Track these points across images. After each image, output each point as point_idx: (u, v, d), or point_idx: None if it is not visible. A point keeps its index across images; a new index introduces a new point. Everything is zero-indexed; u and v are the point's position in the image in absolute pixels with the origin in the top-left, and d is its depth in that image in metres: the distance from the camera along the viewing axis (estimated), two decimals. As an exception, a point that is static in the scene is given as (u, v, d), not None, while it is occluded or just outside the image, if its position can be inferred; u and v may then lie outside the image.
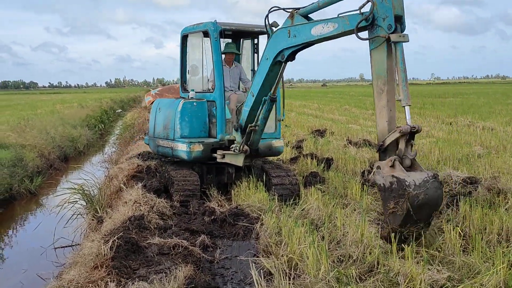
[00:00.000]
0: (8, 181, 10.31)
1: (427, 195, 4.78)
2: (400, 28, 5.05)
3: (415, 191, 4.74)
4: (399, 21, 5.03)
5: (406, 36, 5.03)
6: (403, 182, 4.79)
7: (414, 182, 4.78)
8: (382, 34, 5.04)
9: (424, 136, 14.39)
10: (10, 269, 6.81)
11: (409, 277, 4.02)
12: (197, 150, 7.77)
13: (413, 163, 5.12)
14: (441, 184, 5.01)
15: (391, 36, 4.98)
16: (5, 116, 25.16)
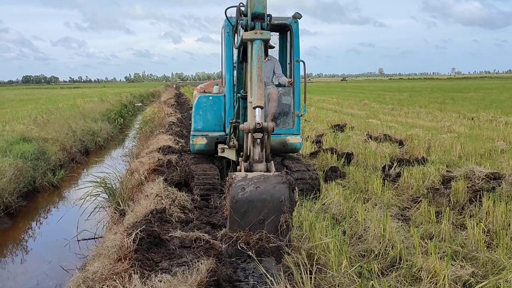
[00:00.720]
0: (32, 174, 10.45)
1: (260, 188, 3.89)
2: (261, 25, 4.79)
3: (240, 182, 3.95)
4: (261, 18, 4.79)
5: (264, 33, 4.74)
6: (228, 179, 4.05)
7: (244, 175, 4.04)
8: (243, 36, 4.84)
9: (445, 131, 14.26)
10: (34, 260, 6.92)
11: (432, 273, 4.00)
12: (200, 143, 7.84)
13: (270, 169, 4.38)
14: (289, 178, 3.98)
15: (244, 33, 4.78)
16: (28, 110, 25.52)
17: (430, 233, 5.52)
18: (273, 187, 3.87)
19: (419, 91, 47.25)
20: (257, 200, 3.84)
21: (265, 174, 4.01)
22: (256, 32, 4.69)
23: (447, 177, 7.71)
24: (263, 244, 3.87)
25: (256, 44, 4.73)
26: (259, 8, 4.72)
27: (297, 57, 7.94)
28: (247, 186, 3.87)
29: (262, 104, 4.44)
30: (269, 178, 3.93)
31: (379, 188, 7.46)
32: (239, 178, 3.94)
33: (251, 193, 3.83)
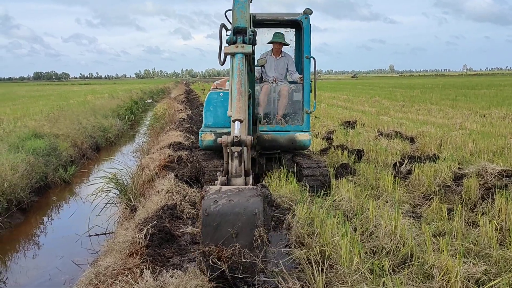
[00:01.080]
0: (43, 169, 10.53)
1: (233, 201, 3.74)
2: (243, 39, 4.81)
3: (213, 195, 3.81)
4: (244, 33, 4.83)
5: (245, 47, 4.75)
6: (202, 192, 3.94)
7: (218, 188, 3.90)
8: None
9: (457, 128, 14.17)
10: (46, 255, 6.97)
11: (444, 270, 3.97)
12: (208, 139, 7.83)
13: (248, 183, 4.22)
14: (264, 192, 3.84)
15: (225, 48, 4.79)
16: (39, 106, 25.69)
17: (442, 230, 5.49)
18: (246, 200, 3.71)
19: (430, 87, 46.97)
20: (229, 213, 3.68)
21: (240, 187, 3.87)
22: (237, 46, 4.72)
23: (459, 174, 7.66)
24: (236, 260, 3.67)
25: (237, 57, 4.74)
26: (241, 22, 4.77)
27: (307, 53, 7.92)
28: (220, 199, 3.73)
29: (241, 117, 4.35)
30: (243, 191, 3.78)
31: (390, 185, 7.43)
32: (212, 191, 3.81)
33: (223, 206, 3.68)
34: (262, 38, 8.78)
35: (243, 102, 4.49)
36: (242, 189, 3.81)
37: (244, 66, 4.72)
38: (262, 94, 8.31)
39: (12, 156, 9.77)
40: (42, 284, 5.83)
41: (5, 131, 13.51)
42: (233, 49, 4.74)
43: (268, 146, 8.03)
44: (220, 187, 3.87)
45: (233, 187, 3.88)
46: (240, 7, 4.81)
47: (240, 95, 4.54)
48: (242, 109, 4.41)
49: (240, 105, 4.45)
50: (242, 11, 4.81)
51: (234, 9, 4.80)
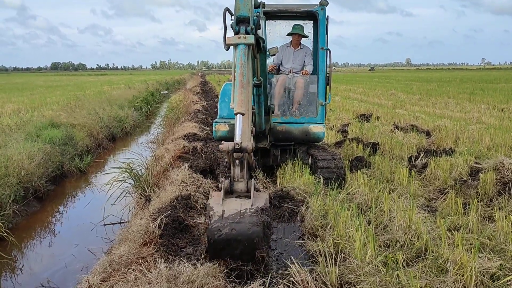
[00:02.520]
0: (60, 159, 10.63)
1: (235, 230, 3.97)
2: (246, 29, 4.60)
3: (216, 223, 4.02)
4: (246, 22, 4.61)
5: (248, 38, 4.55)
6: (208, 211, 4.18)
7: (221, 214, 4.08)
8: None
9: (474, 122, 14.01)
10: (62, 243, 7.05)
11: (459, 264, 3.94)
12: (222, 130, 7.82)
13: (249, 188, 4.34)
14: (264, 218, 4.09)
15: (227, 38, 4.59)
16: (56, 96, 25.95)
17: (457, 224, 5.44)
18: (247, 230, 3.98)
19: (447, 81, 46.46)
20: (233, 240, 3.99)
21: (241, 212, 4.08)
22: (239, 37, 4.56)
23: (475, 169, 7.58)
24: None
25: (240, 49, 4.61)
26: (244, 11, 4.58)
27: (322, 45, 7.87)
28: (223, 228, 3.99)
29: (243, 111, 4.39)
30: (244, 218, 4.03)
31: (405, 178, 7.38)
32: (215, 219, 4.04)
33: (227, 235, 3.97)
34: (281, 30, 8.74)
35: (245, 95, 4.49)
36: (243, 216, 4.05)
37: (246, 58, 4.63)
38: (278, 85, 8.29)
39: (29, 145, 9.87)
40: (57, 271, 5.91)
41: (23, 120, 13.66)
42: (235, 40, 4.59)
43: (282, 138, 8.01)
44: (222, 210, 4.09)
45: (235, 211, 4.09)
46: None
47: (242, 87, 4.50)
48: (244, 102, 4.44)
49: (242, 98, 4.45)
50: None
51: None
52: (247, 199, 4.25)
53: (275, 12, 8.15)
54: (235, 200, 4.26)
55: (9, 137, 10.53)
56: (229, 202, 4.22)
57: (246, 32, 4.58)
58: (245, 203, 4.20)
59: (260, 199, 4.28)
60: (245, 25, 4.58)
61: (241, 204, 4.20)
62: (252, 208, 4.14)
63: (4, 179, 7.84)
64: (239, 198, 4.32)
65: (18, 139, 10.41)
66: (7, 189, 7.65)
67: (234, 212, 4.10)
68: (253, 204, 4.18)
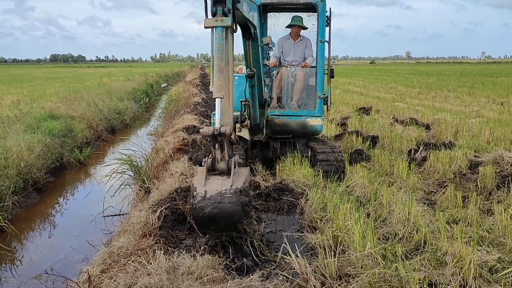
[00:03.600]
0: (59, 150, 10.63)
1: (217, 209, 4.31)
2: (223, 10, 4.39)
3: (200, 203, 4.33)
4: (223, 2, 4.39)
5: (225, 20, 4.37)
6: (192, 191, 4.46)
7: (203, 194, 4.36)
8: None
9: (473, 115, 14.01)
10: (62, 235, 7.06)
11: (458, 257, 3.95)
12: None
13: (230, 167, 4.57)
14: (242, 199, 4.38)
15: (205, 21, 4.43)
16: (55, 88, 25.90)
17: (456, 217, 5.45)
18: (227, 209, 4.33)
19: (447, 75, 46.42)
20: (215, 217, 4.36)
21: (221, 193, 4.36)
22: (216, 20, 4.39)
23: (475, 162, 7.58)
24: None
25: (217, 31, 4.45)
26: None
27: (321, 37, 7.84)
28: (206, 207, 4.32)
29: (221, 95, 4.40)
30: (224, 198, 4.34)
31: (405, 171, 7.38)
32: (198, 199, 4.34)
33: (209, 213, 4.33)
34: (284, 22, 8.71)
35: (222, 79, 4.43)
36: (224, 197, 4.35)
37: (224, 40, 4.47)
38: (278, 78, 8.28)
39: (29, 137, 9.87)
40: (57, 262, 5.92)
41: (22, 112, 13.65)
42: (211, 23, 4.41)
43: (280, 131, 7.99)
44: (204, 190, 4.36)
45: (216, 192, 4.36)
46: None
47: (220, 72, 4.42)
48: (222, 87, 4.42)
49: (219, 83, 4.41)
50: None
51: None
52: (228, 178, 4.48)
53: (275, 4, 8.11)
54: (217, 180, 4.49)
55: (8, 129, 10.52)
56: (211, 182, 4.46)
57: (223, 14, 4.40)
58: (226, 183, 4.44)
59: (240, 177, 4.51)
60: (222, 6, 4.40)
61: (221, 184, 4.43)
62: (232, 189, 4.38)
63: (4, 171, 7.84)
64: (220, 176, 4.54)
65: (17, 131, 10.40)
66: (7, 180, 7.66)
67: (216, 193, 4.36)
68: (233, 185, 4.41)
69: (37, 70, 72.40)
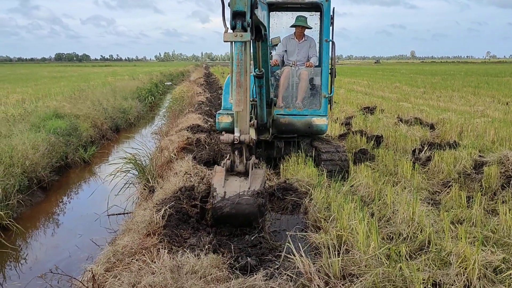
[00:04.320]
0: (64, 149, 10.65)
1: (234, 210, 4.77)
2: (242, 24, 4.47)
3: (219, 203, 4.78)
4: (242, 16, 4.45)
5: (244, 36, 4.46)
6: (212, 191, 4.89)
7: (223, 195, 4.79)
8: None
9: (478, 115, 13.97)
10: (66, 234, 7.07)
11: (462, 257, 3.94)
12: (225, 121, 7.81)
13: (248, 169, 4.97)
14: (259, 201, 4.80)
15: (224, 35, 4.51)
16: (60, 87, 25.96)
17: (461, 218, 5.44)
18: (244, 210, 4.78)
19: (452, 74, 46.28)
20: (233, 216, 4.83)
21: (240, 194, 4.79)
22: (236, 35, 4.48)
23: (480, 162, 7.56)
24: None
25: (237, 46, 4.55)
26: (240, 5, 4.41)
27: (326, 37, 7.84)
28: (225, 207, 4.79)
29: (240, 109, 4.68)
30: (242, 200, 4.77)
31: (409, 171, 7.37)
32: (218, 199, 4.79)
33: (228, 213, 4.80)
34: (288, 21, 8.71)
35: (242, 94, 4.64)
36: (242, 198, 4.78)
37: (243, 55, 4.58)
38: (283, 77, 8.27)
39: (33, 135, 9.89)
40: (62, 261, 5.93)
41: (27, 111, 13.68)
42: (231, 38, 4.51)
43: (285, 130, 8.00)
44: (224, 192, 4.81)
45: (235, 193, 4.80)
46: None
47: (239, 87, 4.61)
48: (241, 101, 4.66)
49: (239, 98, 4.64)
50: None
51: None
52: (245, 180, 4.91)
53: (280, 4, 8.11)
54: (235, 181, 4.92)
55: (13, 127, 10.55)
56: (230, 183, 4.88)
57: (243, 27, 4.47)
58: (244, 184, 4.86)
59: (257, 179, 4.93)
60: (242, 20, 4.46)
61: (240, 186, 4.85)
62: (249, 191, 4.79)
63: (9, 169, 7.86)
64: (238, 178, 4.98)
65: (22, 130, 10.43)
66: (12, 179, 7.68)
67: (234, 194, 4.79)
68: (250, 187, 4.81)
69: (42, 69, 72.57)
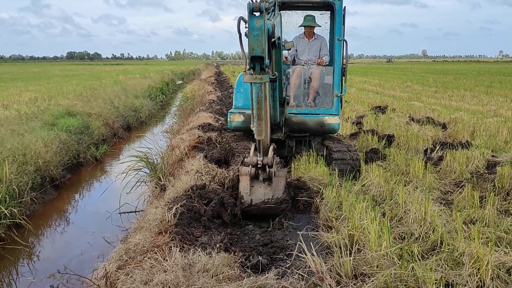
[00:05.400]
0: (76, 147, 10.72)
1: (261, 213, 5.62)
2: (261, 67, 4.87)
3: (246, 208, 5.57)
4: (261, 60, 4.84)
5: (264, 78, 4.90)
6: (240, 198, 5.62)
7: (249, 202, 5.56)
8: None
9: (491, 115, 13.86)
10: (78, 231, 7.13)
11: (475, 258, 3.91)
12: (237, 120, 7.84)
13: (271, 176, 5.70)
14: (282, 207, 5.63)
15: (244, 76, 4.96)
16: (72, 85, 26.12)
17: (473, 218, 5.40)
18: (269, 213, 5.62)
19: (464, 73, 45.94)
20: (259, 217, 5.69)
21: (265, 201, 5.59)
22: (255, 77, 4.90)
23: (492, 162, 7.51)
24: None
25: (256, 86, 5.04)
26: (257, 51, 4.79)
27: (339, 36, 7.81)
28: (252, 211, 5.62)
29: (261, 137, 5.36)
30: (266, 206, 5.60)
31: (421, 171, 7.33)
32: (246, 205, 5.58)
33: (255, 215, 5.67)
34: (298, 20, 8.69)
35: (263, 125, 5.30)
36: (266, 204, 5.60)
37: (263, 93, 5.08)
38: (294, 76, 8.26)
39: (46, 134, 9.97)
40: (74, 258, 5.98)
41: (40, 109, 13.79)
42: (251, 80, 4.92)
43: (297, 129, 7.99)
44: (250, 199, 5.61)
45: (260, 201, 5.61)
46: (256, 35, 4.71)
47: (260, 120, 5.24)
48: (262, 131, 5.33)
49: (260, 129, 5.31)
50: (258, 39, 4.74)
51: (250, 36, 4.74)
52: (269, 186, 5.68)
53: (291, 3, 8.10)
54: (260, 188, 5.68)
55: (26, 126, 10.64)
56: (255, 191, 5.64)
57: (261, 69, 4.88)
58: (268, 192, 5.64)
59: (279, 185, 5.67)
60: (260, 63, 4.87)
61: (264, 193, 5.62)
62: (273, 199, 5.58)
63: (22, 167, 7.94)
64: (263, 184, 5.72)
65: (35, 128, 10.51)
66: (25, 177, 7.75)
67: (260, 201, 5.57)
68: (274, 195, 5.59)
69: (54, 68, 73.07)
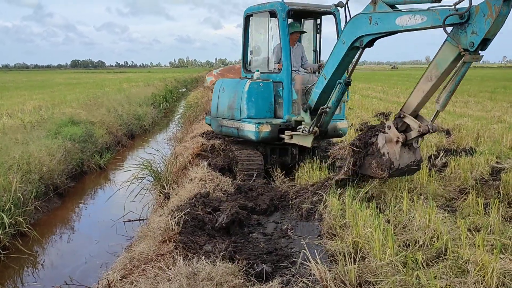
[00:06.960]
0: (80, 156, 10.75)
1: (403, 173, 6.24)
2: (481, 49, 4.97)
3: (395, 172, 6.05)
4: (485, 43, 4.92)
5: (480, 57, 5.04)
6: (390, 163, 5.97)
7: (398, 166, 5.96)
8: (461, 45, 5.01)
9: (495, 121, 13.83)
10: (82, 240, 7.14)
11: (480, 265, 3.89)
12: (265, 130, 7.76)
13: (413, 144, 6.17)
14: (420, 166, 6.44)
15: (465, 56, 5.03)
16: (76, 93, 26.21)
17: (478, 225, 5.37)
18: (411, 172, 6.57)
19: (468, 79, 45.81)
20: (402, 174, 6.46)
21: (409, 164, 6.20)
22: (474, 57, 5.08)
23: (497, 169, 7.48)
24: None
25: (469, 65, 5.38)
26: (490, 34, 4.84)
27: None
28: (396, 174, 6.35)
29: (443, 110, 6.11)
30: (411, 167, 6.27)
31: (425, 178, 7.30)
32: (394, 170, 6.08)
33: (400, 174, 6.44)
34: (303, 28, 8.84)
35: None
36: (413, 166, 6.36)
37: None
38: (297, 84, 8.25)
39: (50, 142, 10.00)
40: (78, 267, 5.98)
41: (43, 118, 13.83)
42: (471, 59, 5.13)
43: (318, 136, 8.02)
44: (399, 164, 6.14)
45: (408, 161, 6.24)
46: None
47: (451, 94, 5.88)
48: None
49: (448, 102, 6.07)
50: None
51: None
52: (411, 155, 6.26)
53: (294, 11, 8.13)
54: (404, 156, 6.15)
55: (30, 135, 10.67)
56: (403, 156, 6.14)
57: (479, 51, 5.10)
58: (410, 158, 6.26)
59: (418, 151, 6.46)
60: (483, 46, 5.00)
61: (408, 159, 6.20)
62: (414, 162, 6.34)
63: (26, 176, 7.95)
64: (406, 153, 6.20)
65: (39, 136, 10.54)
66: (29, 185, 7.76)
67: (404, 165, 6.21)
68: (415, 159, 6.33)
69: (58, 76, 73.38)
